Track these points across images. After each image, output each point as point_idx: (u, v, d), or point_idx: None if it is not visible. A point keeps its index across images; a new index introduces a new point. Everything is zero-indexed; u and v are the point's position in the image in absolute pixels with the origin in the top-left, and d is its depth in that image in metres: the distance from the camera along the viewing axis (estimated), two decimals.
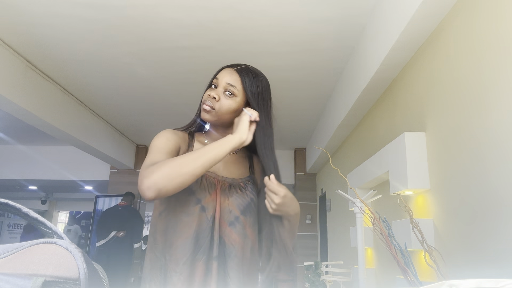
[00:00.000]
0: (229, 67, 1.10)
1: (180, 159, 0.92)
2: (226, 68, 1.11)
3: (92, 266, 0.44)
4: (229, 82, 1.06)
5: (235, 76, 1.07)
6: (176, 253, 0.99)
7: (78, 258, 0.41)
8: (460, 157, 1.58)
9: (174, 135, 1.07)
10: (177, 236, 1.00)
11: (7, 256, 0.40)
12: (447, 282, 0.47)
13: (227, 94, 1.05)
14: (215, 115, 1.05)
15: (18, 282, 0.37)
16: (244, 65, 1.11)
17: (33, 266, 0.39)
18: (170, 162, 0.91)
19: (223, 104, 1.05)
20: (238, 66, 1.10)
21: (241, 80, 1.06)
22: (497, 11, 1.37)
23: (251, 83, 1.06)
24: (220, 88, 1.06)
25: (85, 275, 0.40)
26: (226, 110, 1.05)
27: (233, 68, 1.09)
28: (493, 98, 1.36)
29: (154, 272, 1.01)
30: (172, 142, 1.05)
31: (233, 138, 0.99)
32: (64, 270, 0.39)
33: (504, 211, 1.29)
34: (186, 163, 0.91)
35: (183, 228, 1.00)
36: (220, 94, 1.06)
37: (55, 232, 0.47)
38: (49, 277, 0.38)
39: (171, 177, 0.89)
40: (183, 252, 0.99)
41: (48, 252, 0.40)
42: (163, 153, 1.00)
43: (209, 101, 1.05)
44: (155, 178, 0.88)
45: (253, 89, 1.06)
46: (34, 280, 0.37)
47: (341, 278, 3.23)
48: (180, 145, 1.07)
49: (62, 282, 0.39)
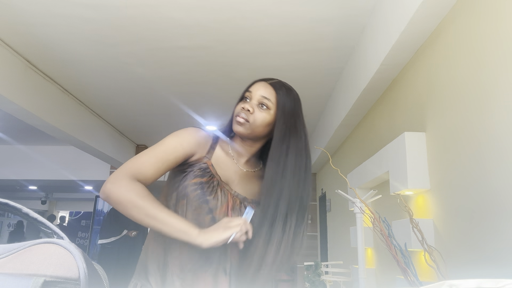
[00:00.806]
0: (262, 80, 1.09)
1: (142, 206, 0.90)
2: (259, 81, 1.09)
3: (92, 266, 0.44)
4: (264, 95, 1.04)
5: (269, 89, 1.05)
6: (181, 258, 0.98)
7: (78, 258, 0.41)
8: (460, 157, 1.58)
9: (191, 139, 1.03)
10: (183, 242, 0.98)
11: (7, 256, 0.40)
12: (447, 282, 0.47)
13: (261, 107, 1.03)
14: (249, 128, 1.03)
15: (18, 282, 0.37)
16: (276, 79, 1.10)
17: (33, 266, 0.39)
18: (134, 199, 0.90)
19: (258, 117, 1.03)
20: (271, 80, 1.08)
21: (276, 94, 1.04)
22: (497, 11, 1.37)
23: (284, 97, 1.05)
24: (254, 101, 1.05)
25: (85, 275, 0.40)
26: (260, 123, 1.03)
27: (266, 81, 1.08)
28: (493, 98, 1.36)
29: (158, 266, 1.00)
30: (185, 148, 1.01)
31: (194, 237, 0.90)
32: (64, 270, 0.39)
33: (504, 211, 1.29)
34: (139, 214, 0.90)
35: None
36: (254, 107, 1.04)
37: (55, 232, 0.47)
38: (49, 277, 0.38)
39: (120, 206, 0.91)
40: (188, 259, 0.98)
41: (48, 252, 0.40)
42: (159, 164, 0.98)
43: (243, 114, 1.03)
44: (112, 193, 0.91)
45: (286, 104, 1.04)
46: (34, 280, 0.37)
47: (341, 278, 3.23)
48: (197, 151, 1.04)
49: (62, 282, 0.39)
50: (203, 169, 1.03)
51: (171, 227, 0.90)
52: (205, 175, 1.02)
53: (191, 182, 1.01)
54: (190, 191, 1.00)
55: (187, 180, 1.01)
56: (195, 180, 1.01)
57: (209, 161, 1.05)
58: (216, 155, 1.07)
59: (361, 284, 2.18)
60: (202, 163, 1.04)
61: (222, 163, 1.07)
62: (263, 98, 1.04)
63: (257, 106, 1.04)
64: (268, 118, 1.04)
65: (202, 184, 1.01)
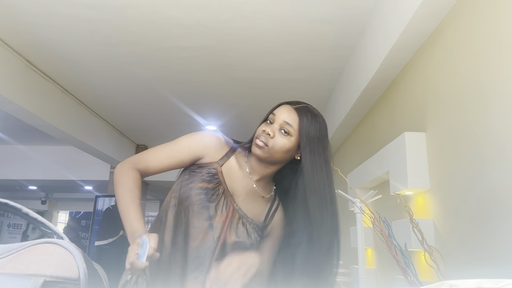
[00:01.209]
0: (288, 104, 1.05)
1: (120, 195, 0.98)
2: (284, 104, 1.05)
3: (92, 266, 0.43)
4: (286, 120, 1.01)
5: (293, 115, 1.02)
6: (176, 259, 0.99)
7: (78, 258, 0.41)
8: (460, 157, 1.58)
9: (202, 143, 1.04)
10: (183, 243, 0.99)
11: (7, 256, 0.40)
12: (447, 282, 0.47)
13: (283, 133, 1.00)
14: (267, 152, 1.01)
15: (18, 282, 0.37)
16: (303, 103, 1.07)
17: (33, 266, 0.39)
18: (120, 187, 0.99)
19: (277, 142, 1.00)
20: (298, 105, 1.05)
21: (299, 120, 1.01)
22: (497, 12, 1.37)
23: (308, 124, 1.01)
24: (276, 125, 1.01)
25: (85, 275, 0.40)
26: (279, 149, 1.00)
27: (292, 105, 1.04)
28: (493, 98, 1.36)
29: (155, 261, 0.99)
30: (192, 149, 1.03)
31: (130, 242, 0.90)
32: (64, 270, 0.39)
33: (504, 211, 1.29)
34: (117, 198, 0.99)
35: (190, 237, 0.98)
36: (276, 131, 1.01)
37: (55, 232, 0.47)
38: (49, 277, 0.38)
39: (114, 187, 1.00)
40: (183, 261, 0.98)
41: (48, 252, 0.40)
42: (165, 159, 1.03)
43: (263, 137, 1.00)
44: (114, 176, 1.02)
45: (310, 131, 1.00)
46: (34, 280, 0.37)
47: (341, 278, 3.23)
48: (203, 154, 1.04)
49: (62, 282, 0.39)
50: (211, 175, 1.02)
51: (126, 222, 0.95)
52: (212, 181, 1.02)
53: (197, 186, 1.00)
54: (194, 194, 1.00)
55: (194, 182, 1.01)
56: (201, 184, 1.01)
57: (219, 167, 1.04)
58: (229, 164, 1.06)
59: (361, 284, 2.18)
60: (212, 168, 1.03)
61: (233, 174, 1.06)
62: (285, 124, 1.00)
63: (279, 131, 1.01)
64: (288, 144, 1.00)
65: (207, 189, 1.00)
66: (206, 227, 0.99)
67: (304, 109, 1.03)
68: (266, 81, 3.41)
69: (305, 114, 1.02)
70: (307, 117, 1.02)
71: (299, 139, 1.01)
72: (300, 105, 1.05)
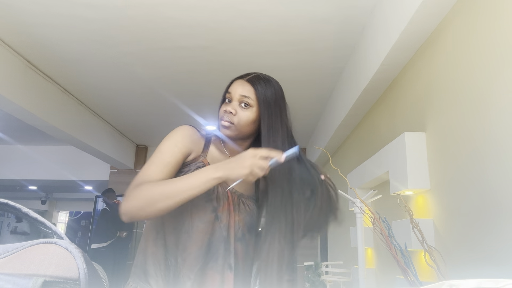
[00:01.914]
0: (240, 78, 1.09)
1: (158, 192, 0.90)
2: (236, 80, 1.09)
3: (92, 266, 0.43)
4: (243, 93, 1.04)
5: (247, 87, 1.05)
6: (190, 259, 0.98)
7: (78, 258, 0.41)
8: (460, 157, 1.58)
9: (186, 138, 1.03)
10: (192, 242, 0.99)
11: (7, 256, 0.40)
12: (447, 282, 0.47)
13: (243, 106, 1.03)
14: (235, 129, 1.04)
15: (18, 282, 0.37)
16: (253, 73, 1.10)
17: (33, 266, 0.39)
18: (148, 193, 0.90)
19: (241, 117, 1.03)
20: (248, 76, 1.08)
21: (254, 90, 1.04)
22: (497, 11, 1.37)
23: (264, 91, 1.04)
24: (235, 101, 1.04)
25: (85, 275, 0.40)
26: (245, 123, 1.03)
27: (243, 79, 1.07)
28: (493, 98, 1.36)
29: (160, 268, 0.99)
30: (179, 148, 1.01)
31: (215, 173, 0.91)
32: (64, 270, 0.39)
33: (504, 211, 1.29)
34: (162, 200, 0.90)
35: (198, 235, 0.99)
36: (236, 107, 1.04)
37: (55, 232, 0.47)
38: (49, 277, 0.38)
39: (144, 210, 0.90)
40: (197, 259, 0.98)
41: (48, 252, 0.40)
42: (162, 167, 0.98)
43: (227, 117, 1.03)
44: (130, 207, 0.90)
45: (267, 96, 1.04)
46: (34, 280, 0.37)
47: (341, 278, 3.23)
48: (192, 149, 1.04)
49: (62, 282, 0.39)
50: (200, 168, 1.02)
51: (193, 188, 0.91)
52: None
53: None
54: None
55: None
56: None
57: (205, 159, 1.05)
58: (211, 154, 1.08)
59: (361, 284, 2.18)
60: (198, 162, 1.04)
61: (217, 161, 1.07)
62: (243, 97, 1.03)
63: (239, 106, 1.04)
64: (251, 115, 1.03)
65: None
66: (213, 219, 1.01)
67: (256, 78, 1.07)
68: None
69: (258, 82, 1.05)
70: (260, 84, 1.05)
71: (259, 106, 1.04)
72: (250, 75, 1.08)
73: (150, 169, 0.97)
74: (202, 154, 1.06)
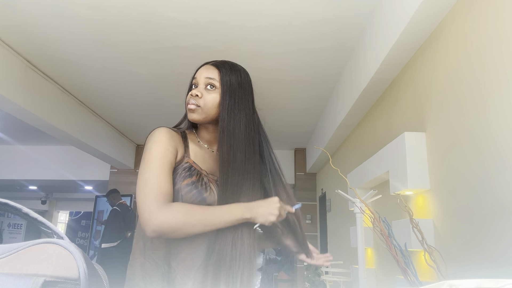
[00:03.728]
0: (205, 64, 1.12)
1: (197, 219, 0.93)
2: (202, 66, 1.11)
3: (92, 266, 0.43)
4: (208, 76, 1.06)
5: (212, 69, 1.07)
6: (187, 260, 0.97)
7: (78, 258, 0.41)
8: (460, 157, 1.58)
9: (171, 140, 1.01)
10: (187, 243, 0.97)
11: (7, 256, 0.40)
12: (447, 282, 0.47)
13: (209, 88, 1.05)
14: (202, 112, 1.04)
15: (18, 282, 0.37)
16: (220, 60, 1.13)
17: (33, 266, 0.39)
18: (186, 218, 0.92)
19: (207, 99, 1.04)
20: (214, 61, 1.11)
21: (219, 72, 1.06)
22: (497, 12, 1.37)
23: (228, 73, 1.06)
24: (201, 85, 1.06)
25: (85, 275, 0.40)
26: (211, 105, 1.04)
27: (209, 63, 1.10)
28: (493, 98, 1.36)
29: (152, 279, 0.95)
30: (171, 151, 0.99)
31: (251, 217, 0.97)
32: (64, 270, 0.39)
33: (504, 211, 1.29)
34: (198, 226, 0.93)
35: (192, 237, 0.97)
36: (202, 90, 1.05)
37: (55, 232, 0.47)
38: (49, 277, 0.38)
39: (177, 232, 0.91)
40: (197, 258, 0.97)
41: (48, 252, 0.40)
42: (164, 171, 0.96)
43: (193, 100, 1.05)
44: (164, 227, 0.89)
45: (231, 79, 1.06)
46: (34, 280, 0.37)
47: (341, 278, 3.23)
48: (178, 148, 1.03)
49: (62, 282, 0.39)
50: (188, 169, 1.01)
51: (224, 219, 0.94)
52: (192, 174, 1.01)
53: (183, 184, 0.99)
54: (185, 192, 0.98)
55: (178, 183, 0.99)
56: (186, 181, 0.99)
57: (189, 159, 1.04)
58: (192, 152, 1.07)
59: (361, 284, 2.18)
60: (184, 163, 1.02)
61: (200, 156, 1.07)
62: (208, 79, 1.05)
63: (205, 89, 1.05)
64: (217, 97, 1.04)
65: (194, 183, 1.00)
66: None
67: (222, 62, 1.10)
68: (266, 81, 3.41)
69: (223, 66, 1.08)
70: (225, 67, 1.07)
71: (222, 88, 1.05)
72: (216, 61, 1.11)
73: (158, 178, 0.94)
74: (185, 154, 1.05)
